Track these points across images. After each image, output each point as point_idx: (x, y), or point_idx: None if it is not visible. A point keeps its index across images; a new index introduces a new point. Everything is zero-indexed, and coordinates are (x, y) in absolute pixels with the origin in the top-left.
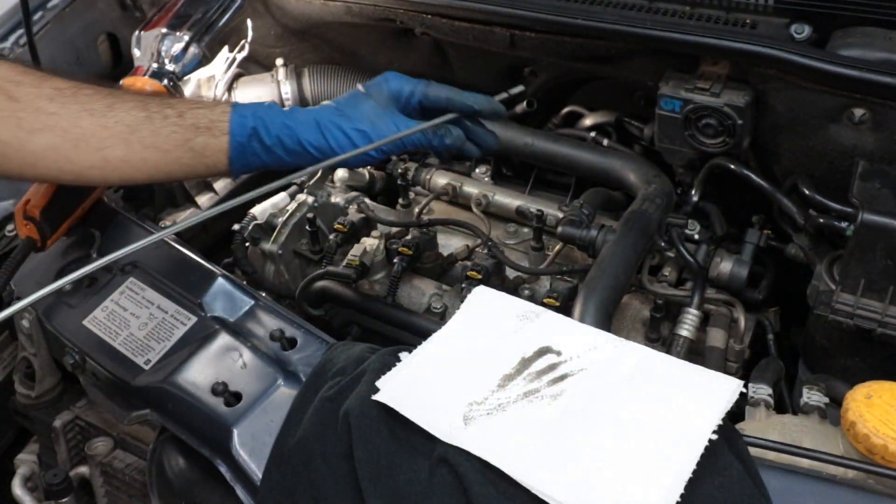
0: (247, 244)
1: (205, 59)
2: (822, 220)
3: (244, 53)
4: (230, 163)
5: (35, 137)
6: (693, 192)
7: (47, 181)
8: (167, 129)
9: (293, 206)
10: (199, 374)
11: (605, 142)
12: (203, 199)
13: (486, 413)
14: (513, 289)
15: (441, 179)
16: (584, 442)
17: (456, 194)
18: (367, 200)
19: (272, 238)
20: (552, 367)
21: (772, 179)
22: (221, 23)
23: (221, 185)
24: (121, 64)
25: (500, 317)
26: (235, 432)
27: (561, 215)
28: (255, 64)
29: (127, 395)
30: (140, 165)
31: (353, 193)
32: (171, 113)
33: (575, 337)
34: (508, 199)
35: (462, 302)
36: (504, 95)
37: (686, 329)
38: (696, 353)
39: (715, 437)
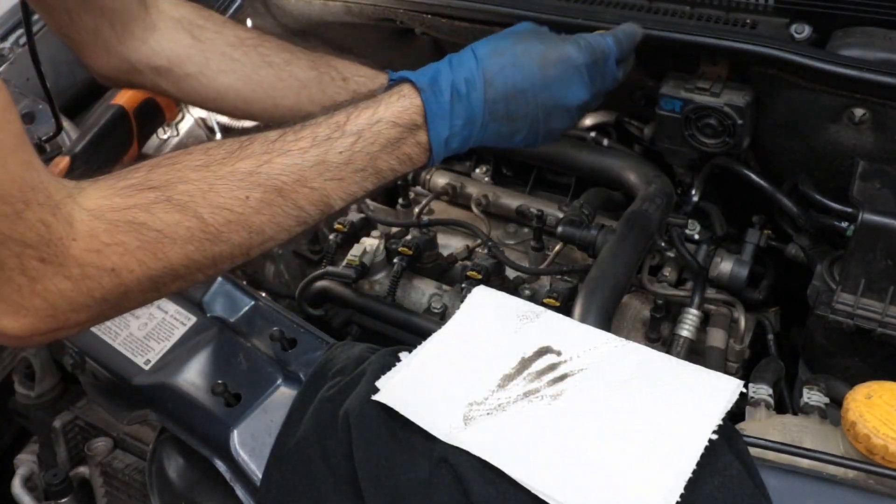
0: None
1: None
2: (822, 220)
3: None
4: None
5: (220, 77)
6: (693, 192)
7: (224, 114)
8: (332, 90)
9: None
10: (199, 374)
11: (605, 142)
12: None
13: (486, 413)
14: (513, 289)
15: (441, 179)
16: (585, 442)
17: (456, 194)
18: (367, 200)
19: None
20: (552, 367)
21: (772, 179)
22: None
23: None
24: None
25: (500, 317)
26: (235, 432)
27: (561, 215)
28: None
29: (127, 395)
30: (305, 115)
31: None
32: (336, 76)
33: (575, 337)
34: (508, 199)
35: (462, 302)
36: None
37: (686, 329)
38: (696, 353)
39: (715, 437)
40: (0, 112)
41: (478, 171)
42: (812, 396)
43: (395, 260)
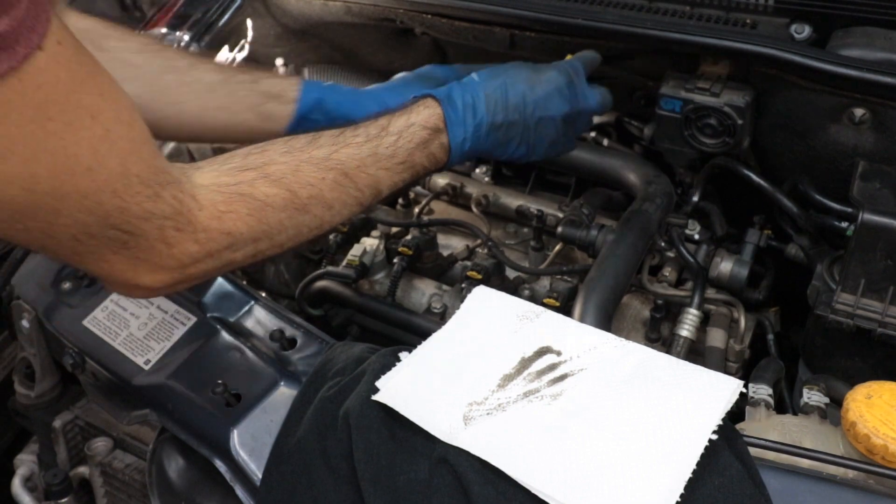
0: None
1: None
2: (822, 220)
3: (244, 53)
4: (288, 131)
5: (123, 86)
6: (693, 192)
7: None
8: (241, 93)
9: None
10: (199, 374)
11: (605, 142)
12: None
13: (485, 413)
14: (513, 289)
15: (441, 179)
16: (584, 442)
17: (456, 194)
18: None
19: None
20: (552, 367)
21: (772, 179)
22: (221, 23)
23: None
24: None
25: (500, 317)
26: (235, 432)
27: (561, 215)
28: (255, 64)
29: (127, 395)
30: (211, 123)
31: None
32: (245, 79)
33: (575, 337)
34: (508, 199)
35: (462, 302)
36: None
37: (686, 329)
38: (696, 353)
39: (715, 437)
40: (128, 111)
41: (478, 171)
42: (812, 396)
43: (395, 260)
